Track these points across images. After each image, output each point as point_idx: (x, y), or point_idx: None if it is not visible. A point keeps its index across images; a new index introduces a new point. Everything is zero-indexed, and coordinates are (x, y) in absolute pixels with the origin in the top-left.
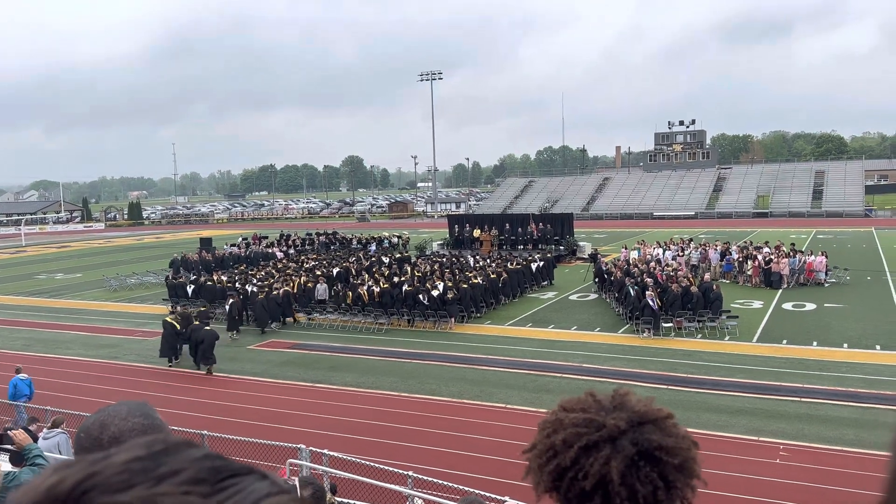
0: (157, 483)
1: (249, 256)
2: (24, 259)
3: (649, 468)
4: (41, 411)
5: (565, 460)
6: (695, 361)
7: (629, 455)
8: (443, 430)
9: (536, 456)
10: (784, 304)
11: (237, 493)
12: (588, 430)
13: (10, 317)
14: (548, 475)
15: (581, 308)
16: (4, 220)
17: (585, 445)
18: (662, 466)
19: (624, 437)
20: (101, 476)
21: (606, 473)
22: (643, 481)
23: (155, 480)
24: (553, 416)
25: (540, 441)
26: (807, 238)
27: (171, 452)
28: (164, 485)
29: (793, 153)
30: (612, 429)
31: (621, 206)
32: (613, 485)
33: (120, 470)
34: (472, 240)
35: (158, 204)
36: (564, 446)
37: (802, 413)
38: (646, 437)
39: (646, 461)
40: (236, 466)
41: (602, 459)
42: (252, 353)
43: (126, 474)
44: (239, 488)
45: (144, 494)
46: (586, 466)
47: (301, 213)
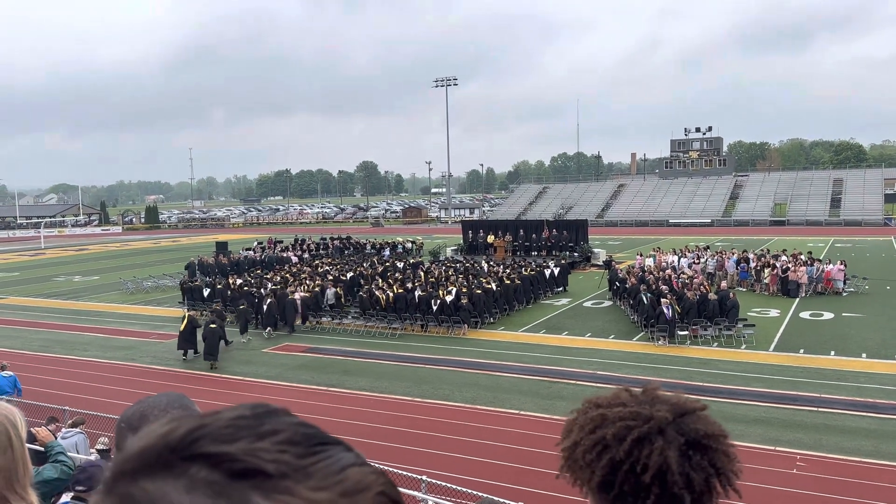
0: (259, 439)
1: (264, 260)
2: (44, 261)
3: (699, 456)
4: (59, 411)
5: (619, 453)
6: (711, 370)
7: (680, 444)
8: (456, 436)
9: (584, 452)
10: (801, 312)
11: (326, 459)
12: (637, 422)
13: (30, 318)
14: (601, 470)
15: (595, 315)
16: (24, 222)
17: (638, 437)
18: (712, 454)
19: (671, 428)
20: (209, 428)
21: (663, 463)
22: (696, 469)
23: (257, 437)
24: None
25: (584, 437)
26: (824, 247)
27: (272, 416)
28: (264, 441)
29: (810, 161)
30: (660, 420)
31: (636, 212)
32: (672, 474)
33: (227, 425)
34: (486, 246)
35: (175, 208)
36: (616, 440)
37: (820, 423)
38: (691, 427)
39: (695, 450)
40: (326, 436)
41: (658, 450)
42: (266, 356)
43: (232, 429)
44: (328, 454)
45: (246, 447)
46: (643, 458)
47: (315, 217)
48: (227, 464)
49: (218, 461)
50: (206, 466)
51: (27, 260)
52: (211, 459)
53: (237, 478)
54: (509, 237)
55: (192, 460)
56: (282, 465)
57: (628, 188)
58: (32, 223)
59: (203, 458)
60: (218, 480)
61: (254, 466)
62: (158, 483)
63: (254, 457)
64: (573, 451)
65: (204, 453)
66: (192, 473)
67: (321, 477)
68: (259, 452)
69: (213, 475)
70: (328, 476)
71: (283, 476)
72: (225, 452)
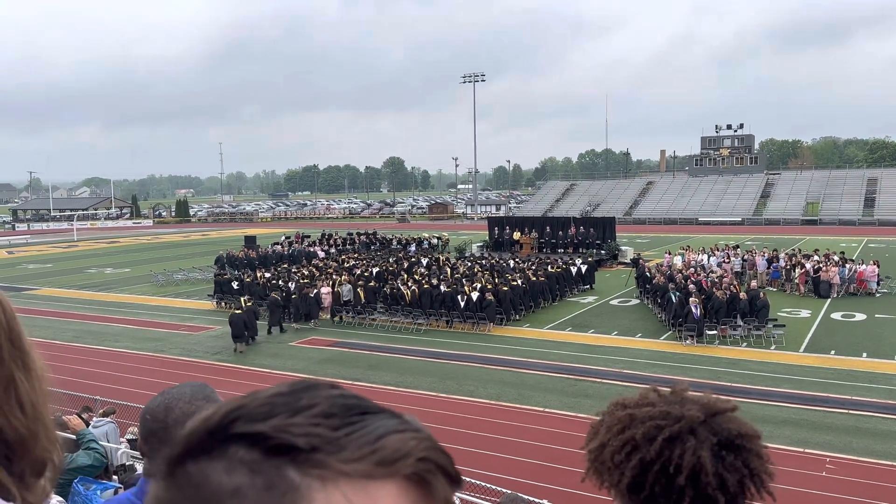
0: (293, 415)
1: (292, 255)
2: (76, 253)
3: (733, 457)
4: (91, 400)
5: (649, 454)
6: (739, 370)
7: (712, 444)
8: (480, 432)
9: (613, 453)
10: (833, 313)
11: (363, 428)
12: (667, 422)
13: (62, 309)
14: (630, 470)
15: (622, 313)
16: (58, 215)
17: (669, 437)
18: (745, 454)
19: (703, 428)
20: (246, 408)
21: (696, 464)
22: (730, 469)
23: (291, 412)
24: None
25: (613, 438)
26: (857, 247)
27: (310, 390)
28: (298, 416)
29: (844, 159)
30: (691, 419)
31: (665, 210)
32: (706, 475)
33: (263, 403)
34: (512, 242)
35: (205, 202)
36: (645, 440)
37: (850, 425)
38: (723, 427)
39: (727, 450)
40: (370, 405)
41: (691, 450)
42: (293, 349)
43: (268, 407)
44: (365, 424)
45: (279, 424)
46: (675, 458)
47: (342, 213)
48: (263, 442)
49: (254, 440)
50: (244, 446)
51: (60, 252)
52: (247, 439)
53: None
54: (535, 234)
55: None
56: (313, 438)
57: (657, 186)
58: (66, 216)
59: (240, 438)
60: (255, 459)
61: (286, 442)
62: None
63: (286, 432)
64: (600, 452)
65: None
66: (231, 454)
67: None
68: (291, 428)
69: (251, 454)
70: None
71: (314, 449)
72: (259, 431)
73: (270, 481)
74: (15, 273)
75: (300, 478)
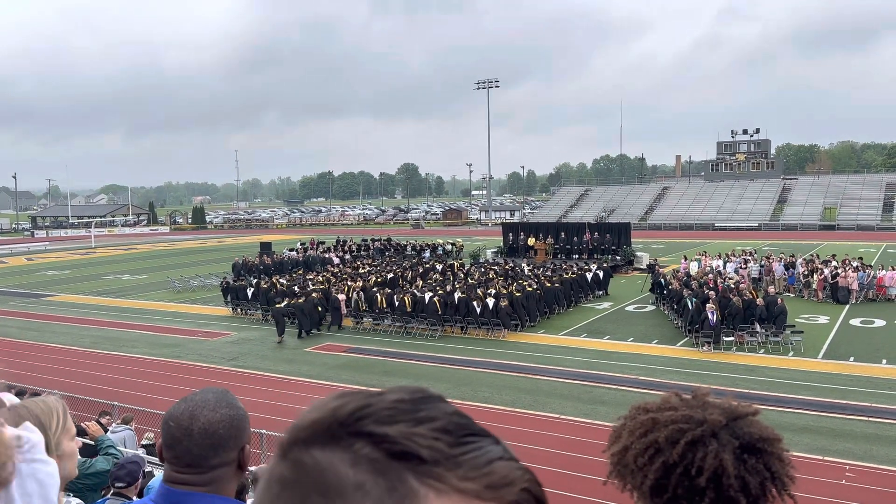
0: (417, 424)
1: (307, 261)
2: (94, 260)
3: (755, 460)
4: (109, 406)
5: (672, 456)
6: (757, 377)
7: (735, 447)
8: None
9: (636, 456)
10: (851, 319)
11: (476, 450)
12: (689, 425)
13: (80, 315)
14: (653, 473)
15: (638, 319)
16: (76, 222)
17: (691, 441)
18: (767, 458)
19: (725, 431)
20: (373, 408)
21: (718, 466)
22: (752, 472)
23: (415, 422)
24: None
25: (635, 441)
26: (876, 252)
27: (429, 402)
28: (421, 427)
29: (862, 164)
30: (713, 423)
31: (681, 216)
32: (728, 477)
33: (389, 406)
34: (527, 248)
35: (221, 209)
36: (668, 443)
37: (870, 433)
38: (745, 431)
39: (749, 453)
40: (477, 428)
41: (713, 453)
42: (308, 355)
43: (393, 411)
44: (478, 446)
45: (405, 431)
46: (697, 461)
47: (357, 219)
48: (387, 444)
49: (379, 441)
50: (370, 444)
51: (78, 258)
52: (373, 438)
53: (395, 458)
54: (550, 240)
55: (357, 436)
56: (435, 451)
57: (673, 191)
58: (83, 223)
59: (367, 435)
60: (379, 459)
61: (411, 450)
62: (328, 453)
63: (411, 441)
64: (623, 455)
65: (368, 432)
66: (357, 449)
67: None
68: (416, 437)
69: (375, 453)
70: (476, 468)
71: (435, 462)
72: (386, 434)
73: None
74: (34, 279)
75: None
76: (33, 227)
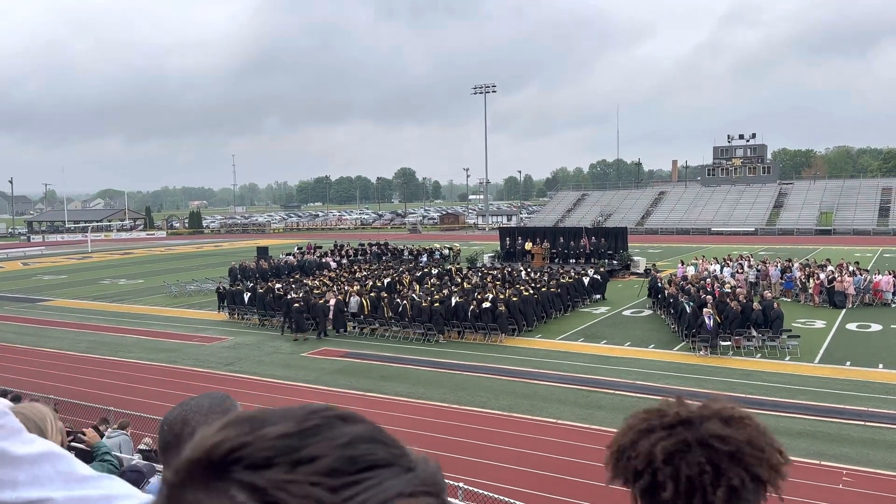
0: (293, 468)
1: (304, 265)
2: (90, 265)
3: (699, 453)
4: (105, 411)
5: (625, 441)
6: (754, 381)
7: (682, 440)
8: (493, 444)
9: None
10: (848, 324)
11: (366, 491)
12: (650, 415)
13: (76, 320)
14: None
15: (635, 324)
16: (72, 226)
17: (645, 429)
18: (712, 453)
19: (683, 426)
20: (251, 448)
21: (651, 452)
22: (689, 463)
23: (291, 464)
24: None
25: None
26: (872, 256)
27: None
28: (296, 472)
29: (858, 169)
30: (672, 417)
31: (678, 220)
32: (656, 461)
33: (268, 446)
34: (524, 253)
35: (218, 213)
36: (626, 429)
37: (867, 437)
38: (705, 427)
39: (699, 446)
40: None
41: (653, 440)
42: (305, 360)
43: (271, 451)
44: (369, 485)
45: (276, 479)
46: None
47: (354, 223)
48: (259, 493)
49: (252, 489)
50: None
51: (74, 263)
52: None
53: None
54: (547, 244)
55: (230, 482)
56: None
57: (669, 195)
58: (80, 227)
59: (238, 483)
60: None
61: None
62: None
63: (283, 491)
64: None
65: (238, 480)
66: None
67: None
68: (289, 486)
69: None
70: None
71: None
72: (255, 484)
73: None
74: (30, 284)
75: None
76: (30, 231)
